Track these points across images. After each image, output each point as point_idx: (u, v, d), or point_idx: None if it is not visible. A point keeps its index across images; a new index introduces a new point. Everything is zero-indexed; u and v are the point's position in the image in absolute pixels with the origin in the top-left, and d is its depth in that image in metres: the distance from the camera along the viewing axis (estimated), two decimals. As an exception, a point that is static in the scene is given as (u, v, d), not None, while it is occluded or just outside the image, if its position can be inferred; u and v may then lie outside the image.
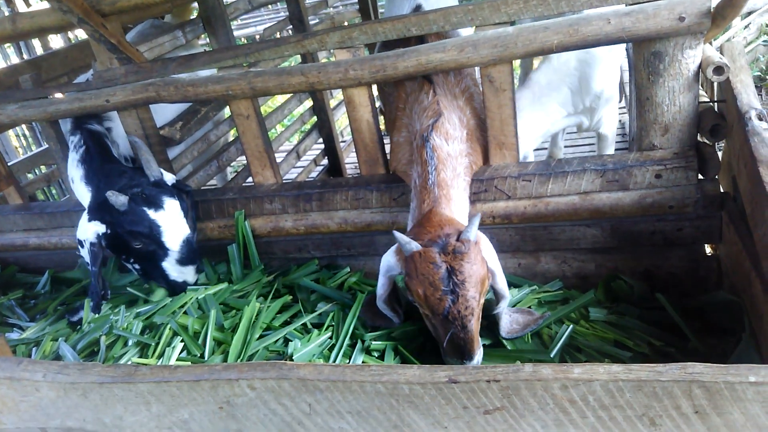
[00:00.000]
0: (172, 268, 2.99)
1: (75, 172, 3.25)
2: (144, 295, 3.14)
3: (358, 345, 2.52)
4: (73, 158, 3.29)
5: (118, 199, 2.82)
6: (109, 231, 2.92)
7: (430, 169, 2.47)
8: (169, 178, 3.16)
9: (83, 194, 3.19)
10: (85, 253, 2.99)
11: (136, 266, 3.07)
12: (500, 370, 1.51)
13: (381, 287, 2.48)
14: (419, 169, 2.54)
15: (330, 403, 1.68)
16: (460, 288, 2.14)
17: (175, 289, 3.08)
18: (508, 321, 2.50)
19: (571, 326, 2.50)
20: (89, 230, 2.94)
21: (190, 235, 3.03)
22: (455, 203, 2.48)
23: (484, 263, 2.25)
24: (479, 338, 2.26)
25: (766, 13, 7.98)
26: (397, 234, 2.25)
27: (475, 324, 2.19)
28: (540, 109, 3.50)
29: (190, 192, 3.25)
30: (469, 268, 2.16)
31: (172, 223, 2.93)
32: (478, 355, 2.23)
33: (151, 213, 2.89)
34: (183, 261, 3.00)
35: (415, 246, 2.21)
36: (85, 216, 3.01)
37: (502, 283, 2.38)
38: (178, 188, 3.16)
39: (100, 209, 2.93)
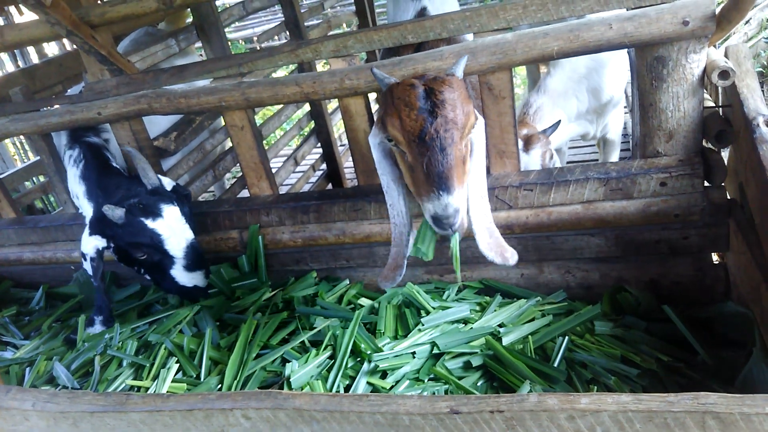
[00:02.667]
0: (181, 275, 2.93)
1: (78, 188, 3.20)
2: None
3: (364, 366, 2.45)
4: (74, 174, 3.24)
5: (115, 213, 2.77)
6: (111, 245, 2.89)
7: None
8: (167, 182, 3.09)
9: (87, 210, 3.15)
10: (87, 266, 2.94)
11: (148, 276, 3.02)
12: (504, 401, 1.45)
13: (383, 173, 2.28)
14: None
15: (327, 433, 1.62)
16: (439, 107, 1.99)
17: (189, 296, 3.04)
18: (483, 226, 2.30)
19: (567, 338, 2.45)
20: (89, 245, 2.90)
21: (194, 239, 2.96)
22: None
23: (469, 99, 2.08)
24: (463, 180, 2.05)
25: (767, 8, 7.90)
26: (375, 69, 2.14)
27: (454, 154, 2.00)
28: (558, 116, 3.46)
29: (188, 195, 3.16)
30: (450, 92, 2.01)
31: (172, 230, 2.87)
32: (458, 194, 2.01)
33: (150, 222, 2.82)
34: (190, 267, 2.93)
35: (393, 79, 2.09)
36: (86, 230, 2.95)
37: (478, 165, 2.22)
38: (177, 192, 3.08)
39: (99, 223, 2.88)
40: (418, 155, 2.03)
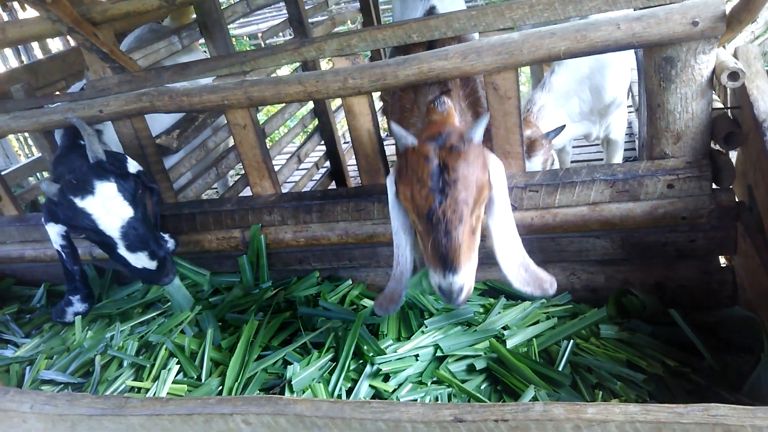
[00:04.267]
0: (128, 255, 2.68)
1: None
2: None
3: (367, 369, 2.43)
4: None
5: (50, 189, 2.59)
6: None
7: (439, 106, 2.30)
8: (133, 165, 2.89)
9: None
10: (63, 256, 2.81)
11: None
12: (509, 409, 1.42)
13: (394, 216, 2.22)
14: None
15: (329, 440, 1.59)
16: (451, 187, 1.93)
17: (145, 279, 2.80)
18: (516, 264, 2.20)
19: (572, 342, 2.42)
20: (52, 234, 2.73)
21: (132, 217, 2.66)
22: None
23: (485, 169, 2.02)
24: (470, 256, 1.99)
25: (775, 7, 7.82)
26: (395, 126, 2.08)
27: (463, 233, 1.95)
28: (561, 116, 3.43)
29: (155, 189, 2.97)
30: (465, 168, 1.95)
31: (104, 209, 2.59)
32: (465, 272, 1.95)
33: (78, 201, 2.57)
34: (131, 248, 2.66)
35: (411, 140, 2.04)
36: (42, 220, 2.80)
37: (501, 207, 2.13)
38: (141, 181, 2.84)
39: (47, 208, 2.70)
40: (425, 230, 1.99)
